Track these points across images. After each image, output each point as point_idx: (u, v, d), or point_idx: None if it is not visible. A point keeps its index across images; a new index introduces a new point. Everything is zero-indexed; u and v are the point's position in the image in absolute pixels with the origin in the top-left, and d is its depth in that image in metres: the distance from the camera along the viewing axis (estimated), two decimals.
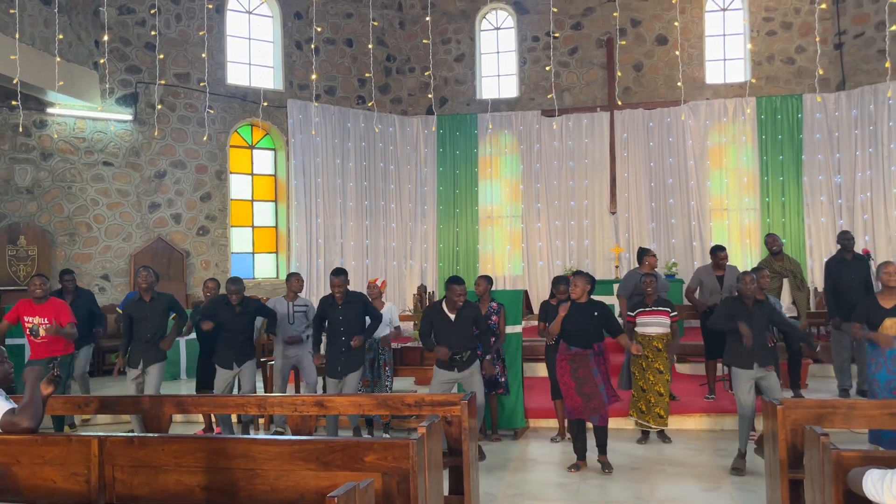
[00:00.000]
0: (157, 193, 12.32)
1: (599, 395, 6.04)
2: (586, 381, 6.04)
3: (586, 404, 6.02)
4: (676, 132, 13.67)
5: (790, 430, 4.27)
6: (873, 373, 5.71)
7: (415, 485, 3.58)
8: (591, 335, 6.11)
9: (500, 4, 14.74)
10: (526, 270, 14.22)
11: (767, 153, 13.34)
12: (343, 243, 13.88)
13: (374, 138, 14.27)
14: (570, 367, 6.10)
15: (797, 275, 8.20)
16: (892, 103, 12.46)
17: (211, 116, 12.71)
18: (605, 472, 6.03)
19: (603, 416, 6.09)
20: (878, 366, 5.66)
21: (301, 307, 7.53)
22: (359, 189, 14.11)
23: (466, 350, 6.32)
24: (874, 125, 12.72)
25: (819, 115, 13.19)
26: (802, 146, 13.23)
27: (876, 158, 12.70)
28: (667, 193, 13.69)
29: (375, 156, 14.36)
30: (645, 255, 8.19)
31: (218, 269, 12.68)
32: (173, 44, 12.49)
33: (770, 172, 13.32)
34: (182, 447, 3.75)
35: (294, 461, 3.67)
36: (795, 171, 13.24)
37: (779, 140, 13.29)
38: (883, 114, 12.59)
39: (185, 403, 5.19)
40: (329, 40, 14.17)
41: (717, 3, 14.17)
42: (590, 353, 6.11)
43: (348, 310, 6.65)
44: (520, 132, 14.32)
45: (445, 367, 6.35)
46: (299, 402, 5.15)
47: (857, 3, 13.17)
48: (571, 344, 6.11)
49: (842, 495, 3.26)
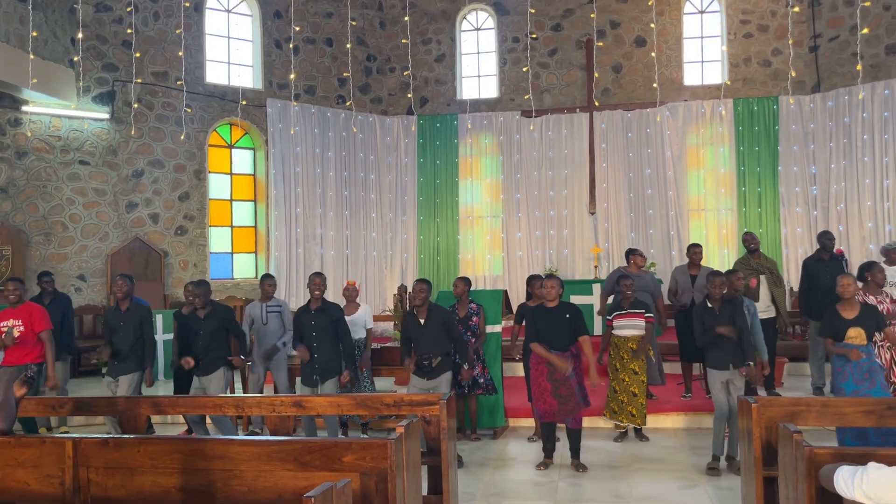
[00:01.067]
0: (134, 193, 12.20)
1: (575, 398, 6.08)
2: (562, 384, 6.07)
3: (562, 406, 6.05)
4: (655, 133, 13.78)
5: (765, 427, 4.32)
6: (840, 382, 5.80)
7: (393, 484, 3.59)
8: (566, 337, 6.15)
9: (480, 5, 14.77)
10: (506, 270, 14.25)
11: (744, 154, 13.48)
12: (323, 238, 13.83)
13: (353, 138, 14.24)
14: (546, 369, 6.12)
15: (773, 271, 8.31)
16: (867, 105, 12.65)
17: (189, 115, 12.61)
18: (580, 472, 6.07)
19: (577, 418, 6.13)
20: (845, 375, 5.74)
21: (275, 308, 7.47)
22: (338, 187, 14.07)
23: (437, 356, 6.33)
24: (848, 127, 12.90)
25: (795, 117, 13.36)
26: (779, 147, 13.39)
27: (850, 159, 12.88)
28: (645, 192, 13.79)
29: (355, 155, 14.33)
30: (632, 254, 8.25)
31: (196, 269, 12.58)
32: (151, 42, 12.38)
33: (747, 173, 13.46)
34: (158, 448, 3.72)
35: (272, 462, 3.66)
36: (772, 171, 13.40)
37: (755, 141, 13.43)
38: (857, 116, 12.77)
39: (161, 405, 5.15)
40: (309, 39, 14.12)
41: (695, 6, 14.30)
42: (567, 357, 6.15)
43: (321, 317, 6.56)
44: (500, 133, 14.36)
45: (417, 373, 6.40)
46: (277, 403, 5.13)
47: (832, 7, 13.35)
48: (550, 348, 6.14)
49: (814, 492, 3.31)
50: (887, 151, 12.49)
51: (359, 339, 7.49)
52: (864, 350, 5.70)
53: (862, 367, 5.65)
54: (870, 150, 12.66)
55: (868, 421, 4.47)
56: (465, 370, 6.61)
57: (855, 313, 5.71)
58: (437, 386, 6.33)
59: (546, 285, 6.25)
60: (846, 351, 5.65)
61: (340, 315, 6.67)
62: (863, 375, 5.66)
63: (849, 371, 5.69)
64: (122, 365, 6.81)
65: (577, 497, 5.52)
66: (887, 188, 12.49)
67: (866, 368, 5.67)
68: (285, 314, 7.51)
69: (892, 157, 12.43)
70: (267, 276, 7.72)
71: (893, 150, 12.41)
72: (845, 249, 12.30)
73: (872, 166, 12.63)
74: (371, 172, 14.51)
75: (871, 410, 4.38)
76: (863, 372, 5.66)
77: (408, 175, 14.63)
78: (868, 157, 12.67)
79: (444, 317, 6.42)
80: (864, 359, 5.65)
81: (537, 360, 6.21)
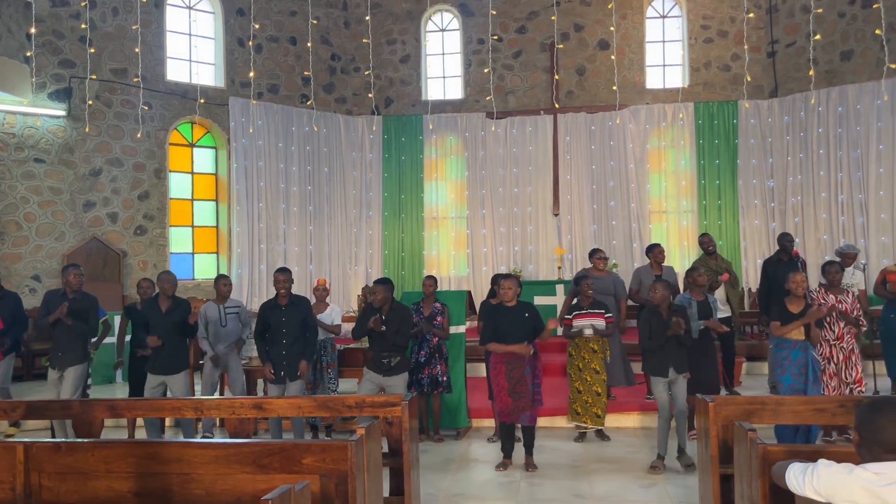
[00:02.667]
0: (91, 192, 11.95)
1: (528, 395, 6.13)
2: (519, 382, 6.12)
3: (515, 404, 6.09)
4: (617, 136, 13.94)
5: (721, 426, 4.39)
6: (779, 375, 5.93)
7: (353, 486, 3.57)
8: (525, 336, 6.19)
9: (445, 6, 14.78)
10: (471, 271, 14.29)
11: (704, 157, 13.71)
12: (286, 238, 13.72)
13: (317, 137, 14.14)
14: (505, 368, 6.16)
15: (730, 272, 8.47)
16: (821, 110, 12.97)
17: (149, 113, 12.40)
18: (531, 471, 6.11)
19: (532, 415, 6.17)
20: (784, 369, 5.88)
21: (233, 309, 7.36)
22: (302, 187, 13.97)
23: (396, 355, 6.34)
24: (804, 131, 13.21)
25: (753, 121, 13.63)
26: (738, 151, 13.65)
27: (806, 163, 13.18)
28: (608, 196, 13.94)
29: (320, 155, 14.24)
30: (593, 255, 8.27)
31: (156, 269, 12.36)
32: (109, 38, 12.14)
33: (707, 176, 13.69)
34: (113, 452, 3.65)
35: (230, 464, 3.61)
36: (731, 174, 13.65)
37: (715, 144, 13.68)
38: (812, 120, 13.08)
39: (117, 407, 5.05)
40: (272, 38, 13.99)
41: (657, 10, 14.50)
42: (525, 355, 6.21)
43: (291, 312, 6.51)
44: (465, 134, 14.40)
45: (373, 369, 6.40)
46: (237, 405, 5.07)
47: (789, 14, 13.65)
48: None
49: (768, 488, 3.37)
50: (841, 157, 12.81)
51: (325, 339, 7.43)
52: (802, 345, 5.85)
53: (800, 362, 5.81)
54: (824, 154, 12.97)
55: (820, 419, 4.57)
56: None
57: (800, 308, 5.88)
58: (393, 385, 6.34)
59: (503, 286, 6.27)
60: (799, 321, 5.79)
61: (309, 309, 6.65)
62: (800, 370, 5.81)
63: (787, 365, 5.84)
64: (66, 356, 6.59)
65: (538, 497, 5.55)
66: (841, 191, 12.81)
67: (803, 363, 5.83)
68: (243, 315, 7.40)
69: (846, 161, 12.76)
70: (221, 276, 7.58)
71: (847, 155, 12.74)
72: (801, 250, 12.60)
73: (827, 170, 12.94)
74: (335, 172, 14.43)
75: (823, 409, 4.48)
76: (800, 366, 5.82)
77: (372, 175, 14.59)
78: (823, 162, 12.99)
79: (403, 314, 6.45)
80: (801, 354, 5.81)
81: (496, 360, 6.24)
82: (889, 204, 12.28)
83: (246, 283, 13.10)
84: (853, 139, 12.69)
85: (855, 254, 8.13)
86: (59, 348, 6.62)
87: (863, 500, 2.43)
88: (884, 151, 12.35)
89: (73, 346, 6.59)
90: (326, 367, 7.39)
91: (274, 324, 6.51)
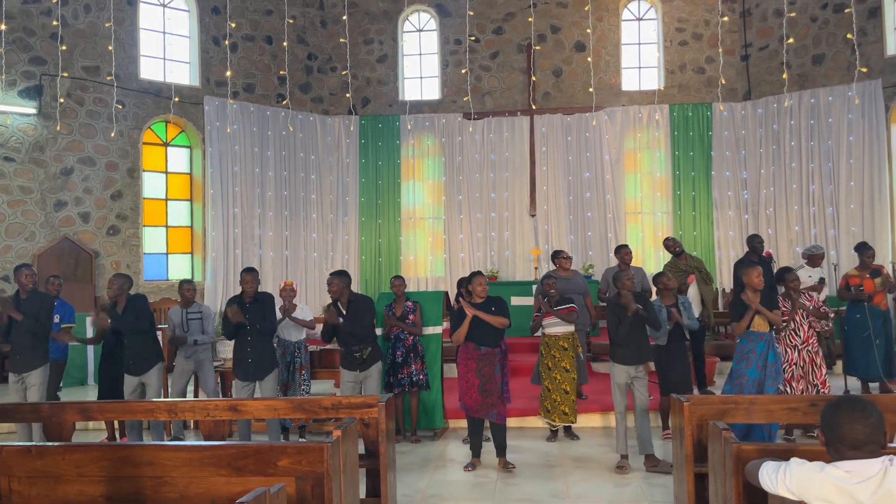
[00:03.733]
0: (63, 191, 11.77)
1: (497, 392, 6.16)
2: (489, 379, 6.14)
3: (484, 400, 6.11)
4: (593, 137, 14.02)
5: (696, 425, 4.43)
6: (743, 368, 5.93)
7: (329, 488, 3.55)
8: (496, 332, 6.21)
9: (422, 6, 14.77)
10: (448, 271, 14.29)
11: (679, 159, 13.84)
12: (261, 238, 13.61)
13: (293, 137, 14.05)
14: (476, 365, 6.18)
15: (701, 270, 8.57)
16: (794, 113, 13.15)
17: (122, 112, 12.24)
18: (509, 470, 6.12)
19: (500, 413, 6.19)
20: (749, 362, 5.92)
21: (195, 314, 7.29)
22: (278, 187, 13.87)
23: (366, 346, 6.33)
24: (777, 133, 13.39)
25: (727, 123, 13.79)
26: (712, 152, 13.80)
27: (778, 164, 13.36)
28: (584, 195, 14.02)
29: (296, 155, 14.15)
30: (556, 257, 8.30)
31: (129, 269, 12.21)
32: (82, 35, 11.97)
33: (682, 177, 13.83)
34: (84, 456, 3.59)
35: (205, 467, 3.57)
36: (705, 176, 13.80)
37: (690, 146, 13.82)
38: (785, 123, 13.26)
39: (89, 410, 4.97)
40: (248, 37, 13.88)
41: (633, 13, 14.61)
42: (497, 352, 6.24)
43: (256, 309, 6.47)
44: (442, 134, 14.40)
45: (348, 367, 6.38)
46: (212, 407, 5.01)
47: (763, 17, 13.83)
48: (481, 344, 6.19)
49: (741, 487, 3.41)
50: (813, 158, 13.01)
51: (298, 341, 7.40)
52: (768, 338, 5.93)
53: (764, 355, 5.89)
54: (797, 156, 13.16)
55: (793, 417, 4.63)
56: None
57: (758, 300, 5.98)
58: (368, 377, 6.34)
59: (476, 282, 6.29)
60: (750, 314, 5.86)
61: (271, 304, 6.59)
62: (764, 363, 5.88)
63: (753, 358, 5.91)
64: (24, 360, 6.38)
65: (515, 497, 5.56)
66: (813, 193, 13.00)
67: (765, 356, 5.90)
68: (206, 321, 7.30)
69: (818, 163, 12.95)
70: (185, 281, 7.50)
71: (819, 157, 12.93)
72: (773, 251, 12.78)
73: (799, 172, 13.13)
74: (312, 172, 14.36)
75: (795, 408, 4.54)
76: (764, 359, 5.89)
77: (349, 175, 14.53)
78: (795, 164, 13.18)
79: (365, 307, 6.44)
80: (766, 347, 5.89)
81: (466, 356, 6.24)
82: (859, 214, 12.47)
83: (220, 289, 12.97)
84: (825, 141, 12.88)
85: (822, 254, 8.25)
86: (16, 351, 6.44)
87: (834, 498, 2.47)
88: (854, 154, 12.54)
89: (29, 348, 6.37)
90: (300, 369, 7.35)
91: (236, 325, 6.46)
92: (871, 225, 12.36)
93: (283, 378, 7.17)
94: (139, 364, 6.56)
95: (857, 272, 8.00)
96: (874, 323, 7.66)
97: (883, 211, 12.27)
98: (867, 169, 12.45)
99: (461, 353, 6.32)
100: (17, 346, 6.40)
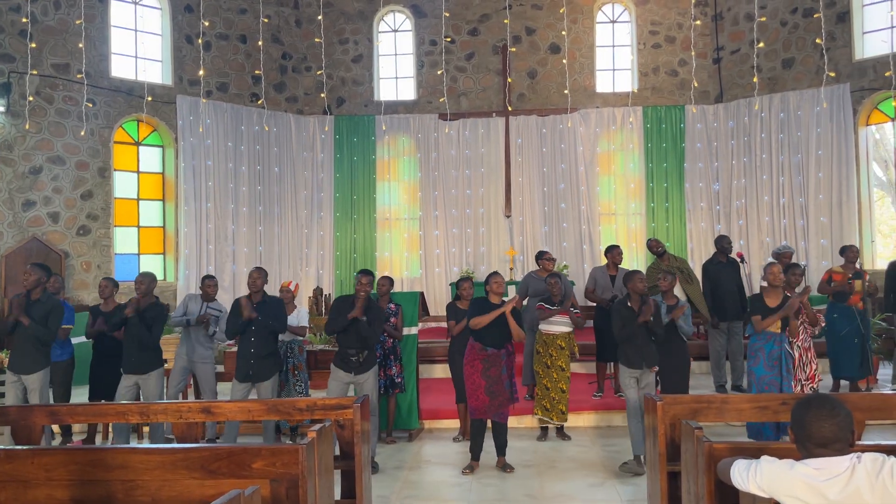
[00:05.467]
0: (31, 190, 11.56)
1: (505, 394, 6.19)
2: (496, 381, 6.16)
3: (492, 402, 6.13)
4: (568, 139, 14.10)
5: (669, 424, 4.48)
6: (752, 366, 6.09)
7: (304, 490, 3.53)
8: (504, 334, 6.23)
9: (398, 7, 14.75)
10: (423, 273, 14.28)
11: (652, 160, 13.98)
12: (235, 239, 13.50)
13: (268, 137, 13.95)
14: (482, 366, 6.19)
15: (684, 270, 8.62)
16: (764, 116, 13.35)
17: (92, 111, 12.06)
18: (508, 472, 6.13)
19: (503, 413, 6.22)
20: (757, 360, 6.05)
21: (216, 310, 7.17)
22: (252, 187, 13.76)
23: (364, 350, 6.27)
24: (748, 136, 13.58)
25: (700, 125, 13.96)
26: (685, 154, 13.96)
27: (750, 167, 13.56)
28: (559, 198, 14.10)
29: (270, 155, 14.05)
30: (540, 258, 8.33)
31: (100, 270, 12.04)
32: (51, 32, 11.77)
33: (655, 179, 13.97)
34: (53, 459, 3.53)
35: (177, 470, 3.53)
36: (678, 177, 13.95)
37: (663, 148, 13.96)
38: (756, 125, 13.46)
39: (58, 413, 4.89)
40: (222, 35, 13.75)
41: (607, 15, 14.72)
42: (503, 353, 6.26)
43: (264, 312, 6.39)
44: (418, 135, 14.39)
45: (342, 367, 6.29)
46: (185, 409, 4.96)
47: (734, 21, 14.01)
48: (487, 345, 6.21)
49: (713, 485, 3.45)
50: (783, 161, 13.20)
51: (292, 340, 7.31)
52: (778, 339, 6.00)
53: (773, 355, 5.97)
54: (767, 159, 13.36)
55: (763, 416, 4.70)
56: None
57: (777, 301, 6.05)
58: (364, 381, 6.26)
59: (491, 281, 6.35)
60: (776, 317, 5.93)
61: (282, 308, 6.54)
62: (772, 362, 5.97)
63: (761, 357, 6.00)
64: (25, 362, 6.23)
65: (490, 497, 5.57)
66: (783, 194, 13.20)
67: (776, 356, 5.99)
68: (224, 320, 7.09)
69: (788, 165, 13.15)
70: (208, 276, 7.36)
71: (789, 159, 13.14)
72: (745, 252, 12.96)
73: (770, 175, 13.32)
74: (286, 173, 14.26)
75: (765, 406, 4.61)
76: (773, 359, 5.98)
77: (324, 176, 14.46)
78: (766, 166, 13.37)
79: (377, 315, 6.36)
80: (775, 347, 5.97)
81: (472, 358, 6.25)
82: (828, 207, 12.70)
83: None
84: (794, 144, 13.09)
85: (791, 253, 8.38)
86: (17, 352, 6.30)
87: (803, 495, 2.51)
88: (823, 157, 12.76)
89: (31, 350, 6.22)
90: (293, 369, 7.28)
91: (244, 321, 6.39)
92: (839, 226, 12.57)
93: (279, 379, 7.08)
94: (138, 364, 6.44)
95: (841, 269, 8.15)
96: (851, 323, 7.81)
97: (851, 211, 12.49)
98: (836, 172, 12.66)
99: (468, 354, 6.33)
100: (18, 346, 6.27)
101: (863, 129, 12.69)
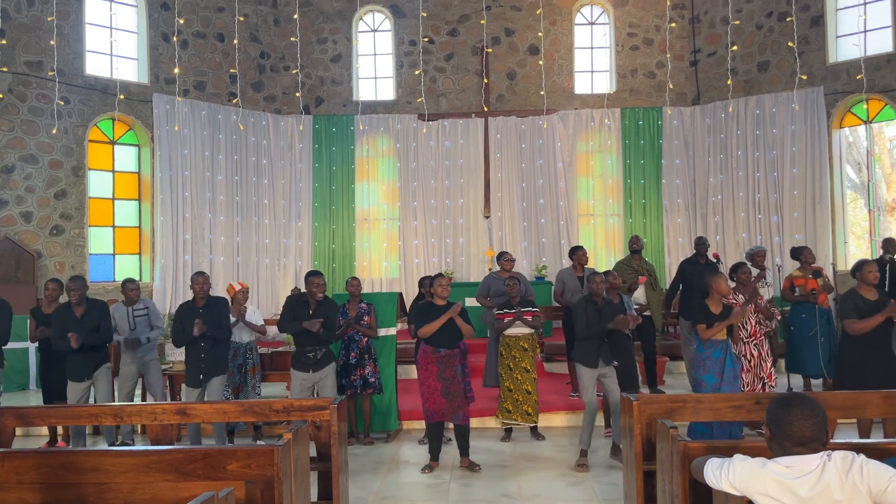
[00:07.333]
0: (3, 190, 11.39)
1: (462, 394, 6.17)
2: (452, 382, 6.14)
3: (450, 404, 6.12)
4: (547, 140, 14.17)
5: (645, 424, 4.50)
6: (701, 375, 6.06)
7: (280, 492, 3.51)
8: (455, 334, 6.22)
9: (377, 6, 14.72)
10: (402, 272, 14.27)
11: (630, 161, 14.08)
12: (212, 241, 13.39)
13: (245, 136, 13.86)
14: (437, 368, 6.16)
15: (652, 274, 8.72)
16: (740, 118, 13.50)
17: (66, 109, 11.90)
18: (476, 471, 6.14)
19: (465, 414, 6.21)
20: (706, 368, 6.03)
21: (141, 310, 7.14)
22: (229, 187, 13.67)
23: (321, 348, 6.27)
24: (724, 138, 13.73)
25: (676, 124, 14.10)
26: (662, 156, 14.07)
27: (725, 167, 13.71)
28: (537, 198, 14.16)
29: (248, 154, 13.96)
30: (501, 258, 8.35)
31: (74, 270, 11.88)
32: (24, 29, 11.60)
33: (633, 179, 14.07)
34: (23, 462, 3.48)
35: (150, 473, 3.49)
36: (655, 178, 14.06)
37: (641, 149, 14.07)
38: (731, 128, 13.61)
39: (28, 416, 4.82)
40: (199, 34, 13.64)
41: (586, 17, 14.80)
42: (456, 353, 6.24)
43: (208, 313, 6.35)
44: (397, 135, 14.37)
45: (300, 368, 6.29)
46: (160, 411, 4.91)
47: (710, 24, 14.15)
48: (439, 346, 6.18)
49: (688, 483, 3.47)
50: (758, 163, 13.36)
51: (249, 342, 7.28)
52: (724, 345, 6.05)
53: (721, 361, 6.00)
54: (743, 161, 13.51)
55: (737, 415, 4.74)
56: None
57: (720, 309, 6.08)
58: (324, 377, 6.28)
59: (440, 283, 6.30)
60: (722, 326, 5.95)
61: (225, 308, 6.50)
62: (721, 369, 6.00)
63: (710, 365, 6.02)
64: None
65: (468, 498, 5.57)
66: (758, 190, 13.36)
67: (723, 362, 6.02)
68: (154, 315, 7.19)
69: (763, 167, 13.31)
70: (128, 280, 7.30)
71: (764, 161, 13.29)
72: (720, 250, 13.10)
73: (745, 176, 13.48)
74: (263, 172, 14.18)
75: (740, 405, 4.64)
76: (721, 365, 6.00)
77: (303, 175, 14.39)
78: (741, 168, 13.52)
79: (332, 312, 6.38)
80: (722, 353, 6.00)
81: (426, 361, 6.23)
82: (802, 204, 12.86)
83: (170, 286, 12.73)
84: (769, 146, 13.25)
85: (764, 252, 8.47)
86: None
87: (775, 493, 2.53)
88: (797, 156, 12.92)
89: None
90: (252, 370, 7.24)
91: (190, 325, 6.34)
92: (812, 226, 12.74)
93: (236, 380, 7.05)
94: (83, 367, 6.37)
95: (800, 273, 8.25)
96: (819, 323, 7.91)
97: (824, 213, 12.67)
98: (809, 173, 12.83)
99: (420, 359, 6.29)
100: None
101: (836, 131, 12.87)
